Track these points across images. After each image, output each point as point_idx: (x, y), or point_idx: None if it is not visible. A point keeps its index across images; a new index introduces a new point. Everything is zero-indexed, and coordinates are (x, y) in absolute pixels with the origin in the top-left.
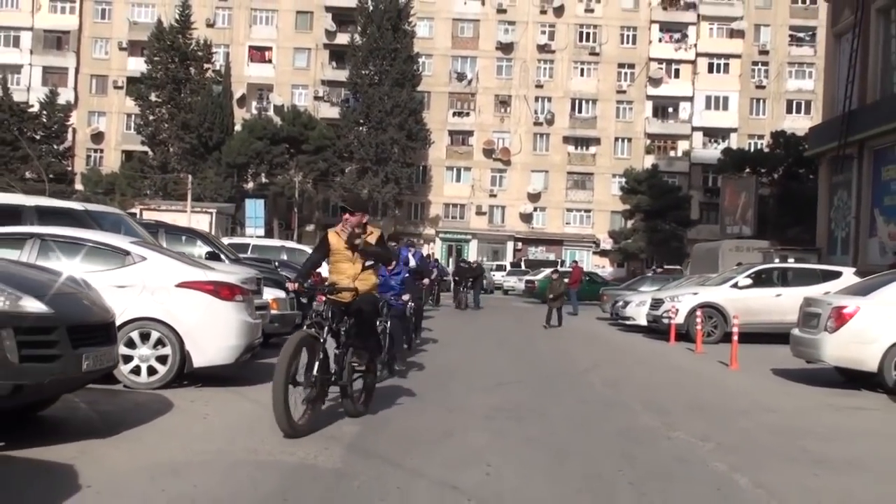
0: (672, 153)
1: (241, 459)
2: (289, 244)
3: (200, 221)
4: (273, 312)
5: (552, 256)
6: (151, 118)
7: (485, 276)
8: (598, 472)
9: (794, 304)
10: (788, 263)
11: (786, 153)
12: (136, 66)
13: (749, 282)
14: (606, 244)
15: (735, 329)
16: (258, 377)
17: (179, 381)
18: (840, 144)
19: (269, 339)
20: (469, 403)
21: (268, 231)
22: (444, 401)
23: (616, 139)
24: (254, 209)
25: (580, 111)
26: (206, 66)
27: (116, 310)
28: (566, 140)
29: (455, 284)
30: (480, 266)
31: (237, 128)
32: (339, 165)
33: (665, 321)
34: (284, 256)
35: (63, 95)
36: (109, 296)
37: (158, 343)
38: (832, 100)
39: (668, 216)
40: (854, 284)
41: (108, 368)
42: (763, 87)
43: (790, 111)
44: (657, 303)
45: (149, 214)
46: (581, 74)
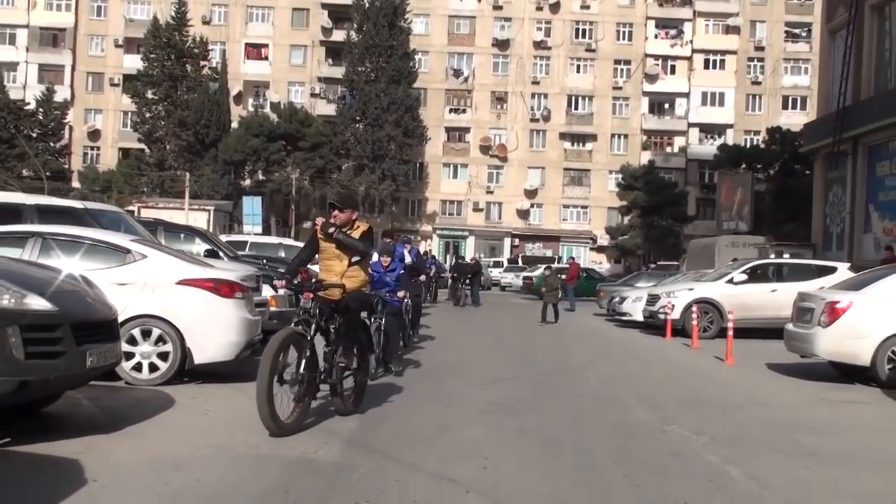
0: (668, 149)
1: (243, 454)
2: (286, 241)
3: (198, 219)
4: (272, 309)
5: (549, 253)
6: (148, 115)
7: (483, 273)
8: (593, 465)
9: (790, 300)
10: (784, 259)
11: (781, 149)
12: (133, 64)
13: (744, 277)
14: (603, 240)
15: (730, 324)
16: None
17: (180, 378)
18: (834, 141)
19: (268, 336)
20: (466, 399)
21: (265, 228)
22: (441, 396)
23: (612, 135)
24: (251, 206)
25: (576, 108)
26: (203, 64)
27: (118, 307)
28: (563, 136)
29: (453, 281)
30: (479, 263)
31: (234, 125)
32: (336, 162)
33: (661, 317)
34: (282, 253)
35: (59, 93)
36: (111, 293)
37: (159, 340)
38: (827, 96)
39: (665, 212)
40: (847, 279)
41: (112, 365)
42: (759, 84)
43: (786, 107)
44: (653, 298)
45: (147, 212)
46: (577, 71)
